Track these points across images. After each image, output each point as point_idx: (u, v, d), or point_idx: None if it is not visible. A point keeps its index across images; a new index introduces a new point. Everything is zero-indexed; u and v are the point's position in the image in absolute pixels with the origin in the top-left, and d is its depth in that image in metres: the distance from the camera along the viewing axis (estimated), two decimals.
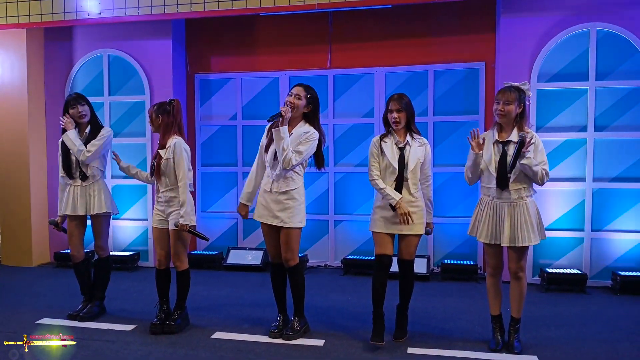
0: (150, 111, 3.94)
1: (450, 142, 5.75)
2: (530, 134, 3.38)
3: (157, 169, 3.83)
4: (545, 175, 3.39)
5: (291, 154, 3.54)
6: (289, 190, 3.64)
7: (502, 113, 3.41)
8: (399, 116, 3.54)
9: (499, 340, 3.55)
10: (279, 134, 3.52)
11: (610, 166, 5.20)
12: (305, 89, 3.70)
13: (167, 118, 3.86)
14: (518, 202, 3.40)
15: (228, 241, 6.38)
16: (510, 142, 3.42)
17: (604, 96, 5.18)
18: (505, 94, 3.42)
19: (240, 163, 6.30)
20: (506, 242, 3.40)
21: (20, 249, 6.29)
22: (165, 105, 3.90)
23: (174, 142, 3.83)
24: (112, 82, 6.30)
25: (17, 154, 6.20)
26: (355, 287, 5.19)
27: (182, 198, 3.78)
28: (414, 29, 5.84)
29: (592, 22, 5.15)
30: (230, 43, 6.29)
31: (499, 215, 3.44)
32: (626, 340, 3.72)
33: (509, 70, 5.23)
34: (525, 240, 3.37)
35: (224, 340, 3.73)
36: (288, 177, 3.64)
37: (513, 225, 3.39)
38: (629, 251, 5.18)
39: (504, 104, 3.41)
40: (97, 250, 4.30)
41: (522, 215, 3.39)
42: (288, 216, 3.64)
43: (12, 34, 6.15)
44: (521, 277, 3.48)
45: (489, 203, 3.49)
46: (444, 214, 5.76)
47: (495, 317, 3.62)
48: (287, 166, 3.56)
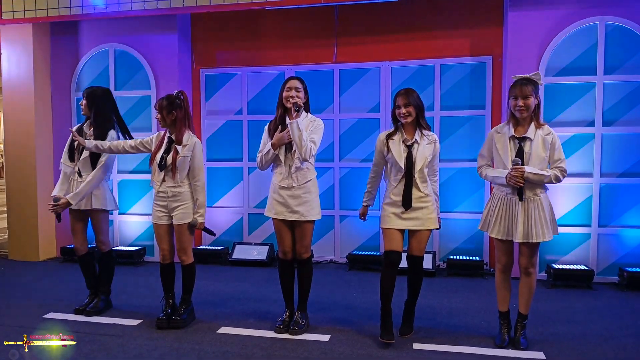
0: (159, 108, 3.81)
1: (456, 137, 5.72)
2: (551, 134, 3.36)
3: (173, 164, 3.80)
4: (558, 176, 3.33)
5: (310, 144, 3.56)
6: (306, 183, 3.65)
7: (523, 108, 3.33)
8: (407, 110, 3.49)
9: (505, 337, 3.54)
10: (297, 127, 3.50)
11: (618, 161, 5.16)
12: (300, 81, 3.71)
13: (180, 112, 3.84)
14: (532, 198, 3.36)
15: (234, 236, 6.39)
16: (527, 139, 3.35)
17: (612, 90, 5.14)
18: (522, 88, 3.33)
19: (245, 158, 6.29)
20: (520, 238, 3.35)
21: (27, 243, 6.32)
22: (175, 100, 3.83)
23: (194, 141, 3.85)
24: (118, 76, 6.31)
25: (23, 149, 6.22)
26: (361, 283, 5.19)
27: (201, 198, 3.86)
28: (420, 23, 5.80)
29: (600, 16, 5.10)
30: (236, 37, 6.28)
31: (513, 211, 3.39)
32: (633, 336, 3.70)
33: (517, 64, 5.19)
34: (540, 236, 3.34)
35: (230, 335, 3.74)
36: (304, 168, 3.66)
37: (527, 222, 3.35)
38: (637, 247, 5.15)
39: (523, 99, 3.32)
40: (99, 245, 4.31)
41: (536, 211, 3.35)
42: (307, 209, 3.66)
43: (19, 28, 6.17)
44: (531, 273, 3.45)
45: (503, 199, 3.44)
46: (450, 210, 5.74)
47: (503, 313, 3.60)
48: (308, 157, 3.58)
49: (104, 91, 4.28)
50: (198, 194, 3.86)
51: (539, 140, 3.34)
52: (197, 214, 3.86)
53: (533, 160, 3.33)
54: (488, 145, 3.55)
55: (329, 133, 5.95)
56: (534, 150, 3.33)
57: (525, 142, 3.36)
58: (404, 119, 3.52)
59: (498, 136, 3.47)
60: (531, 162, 3.33)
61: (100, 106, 4.20)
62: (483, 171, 3.57)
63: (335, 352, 3.42)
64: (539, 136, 3.34)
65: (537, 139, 3.34)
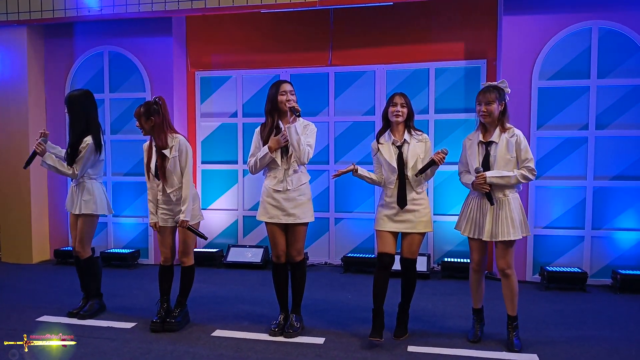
0: (137, 116, 3.78)
1: (451, 140, 5.73)
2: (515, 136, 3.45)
3: (163, 171, 3.78)
4: (527, 176, 3.42)
5: (307, 148, 3.61)
6: (300, 186, 3.68)
7: (485, 114, 3.47)
8: (402, 111, 3.56)
9: (478, 333, 3.66)
10: (295, 131, 3.54)
11: (611, 164, 5.19)
12: (289, 83, 3.71)
13: (158, 118, 3.77)
14: (501, 199, 3.47)
15: (228, 239, 6.38)
16: (492, 143, 3.48)
17: (606, 94, 5.17)
18: (485, 94, 3.47)
19: (240, 160, 6.29)
20: (487, 236, 3.48)
21: (21, 246, 6.29)
22: (152, 106, 3.77)
23: (178, 140, 3.83)
24: (113, 79, 6.30)
25: (17, 151, 6.19)
26: (356, 285, 5.19)
27: (184, 193, 3.78)
28: (415, 27, 5.83)
29: (594, 20, 5.13)
30: (230, 40, 6.28)
31: (482, 211, 3.52)
32: (626, 338, 3.72)
33: (511, 68, 5.22)
34: (505, 234, 3.43)
35: (224, 338, 3.73)
36: (299, 172, 3.69)
37: (494, 221, 3.47)
38: (630, 249, 5.17)
39: (485, 105, 3.46)
40: (76, 251, 4.22)
41: (504, 211, 3.46)
42: (302, 212, 3.68)
43: (13, 30, 6.15)
44: (509, 275, 3.51)
45: (474, 199, 3.58)
46: (444, 212, 5.75)
47: (476, 310, 3.72)
48: (306, 161, 3.63)
49: (81, 94, 4.16)
50: (183, 190, 3.79)
51: (503, 143, 3.47)
52: (180, 212, 3.77)
53: (499, 162, 3.45)
54: (463, 152, 3.67)
55: (323, 136, 5.96)
56: (499, 153, 3.45)
57: (490, 146, 3.49)
58: (396, 117, 3.56)
59: (469, 143, 3.62)
60: (497, 165, 3.46)
61: (75, 111, 4.12)
62: (462, 177, 3.70)
63: (329, 355, 3.42)
64: (503, 139, 3.47)
65: (501, 142, 3.47)
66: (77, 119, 4.13)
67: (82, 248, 4.20)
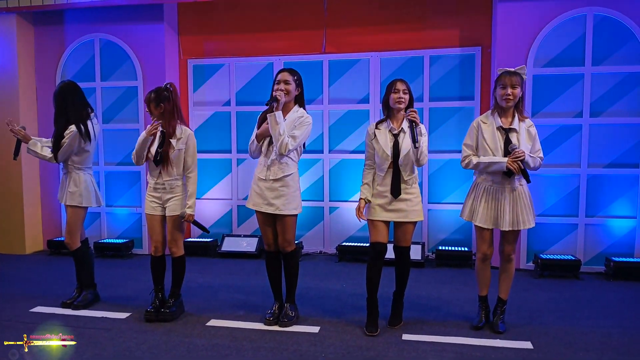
0: (147, 101, 3.82)
1: (445, 128, 5.73)
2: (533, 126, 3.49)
3: (167, 158, 3.78)
4: (540, 163, 3.52)
5: (287, 139, 3.52)
6: (284, 177, 3.62)
7: (510, 97, 3.42)
8: (405, 97, 3.53)
9: (482, 319, 3.69)
10: (275, 120, 3.49)
11: (605, 152, 5.20)
12: (291, 73, 3.66)
13: (169, 104, 3.79)
14: (519, 188, 3.47)
15: (223, 228, 6.37)
16: (513, 130, 3.45)
17: (600, 81, 5.16)
18: (511, 78, 3.42)
19: (234, 149, 6.25)
20: (508, 226, 3.47)
21: (13, 236, 6.25)
22: (163, 92, 3.80)
23: (188, 133, 3.84)
24: (104, 67, 6.22)
25: (8, 141, 6.09)
26: (350, 274, 5.20)
27: (191, 189, 3.85)
28: (409, 14, 5.78)
29: (589, 7, 5.11)
30: (223, 28, 6.21)
31: (499, 201, 3.48)
32: (619, 325, 3.74)
33: (505, 55, 5.20)
34: (527, 223, 3.49)
35: (219, 328, 3.72)
36: (283, 163, 3.62)
37: (513, 210, 3.47)
38: (623, 237, 5.20)
39: (511, 88, 3.41)
40: (65, 241, 4.25)
41: (522, 199, 3.48)
42: (283, 203, 3.62)
43: (2, 18, 6.06)
44: (513, 259, 3.64)
45: (488, 188, 3.52)
46: (439, 201, 5.75)
47: (482, 297, 3.73)
48: (283, 151, 3.54)
49: (64, 85, 4.12)
50: (189, 185, 3.85)
51: (524, 132, 3.46)
52: (187, 206, 3.84)
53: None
54: (474, 135, 3.58)
55: (318, 124, 5.92)
56: (521, 141, 3.43)
57: (511, 133, 3.45)
58: (398, 103, 3.52)
59: (485, 126, 3.53)
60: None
61: (59, 102, 4.09)
62: (473, 160, 3.56)
63: (324, 344, 3.43)
64: (523, 128, 3.47)
65: (522, 131, 3.46)
66: (58, 112, 4.11)
67: (70, 239, 4.17)
